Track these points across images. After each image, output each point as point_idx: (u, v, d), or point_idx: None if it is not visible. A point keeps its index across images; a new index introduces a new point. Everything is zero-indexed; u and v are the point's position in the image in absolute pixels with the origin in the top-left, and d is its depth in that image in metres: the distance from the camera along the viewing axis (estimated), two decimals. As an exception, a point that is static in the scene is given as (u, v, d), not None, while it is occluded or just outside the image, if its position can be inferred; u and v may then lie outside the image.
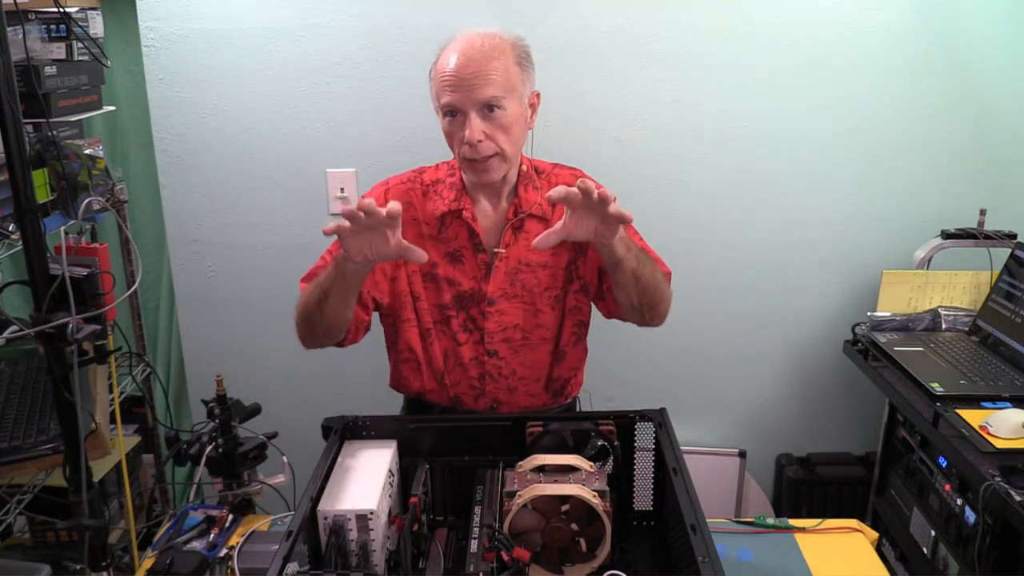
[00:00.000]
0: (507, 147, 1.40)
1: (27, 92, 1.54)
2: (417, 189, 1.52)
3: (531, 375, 1.55)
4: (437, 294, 1.51)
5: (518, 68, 1.39)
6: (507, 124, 1.38)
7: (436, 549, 1.25)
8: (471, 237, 1.49)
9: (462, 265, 1.50)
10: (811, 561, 1.30)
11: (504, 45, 1.38)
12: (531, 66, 1.43)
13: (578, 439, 1.27)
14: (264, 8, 2.08)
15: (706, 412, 2.41)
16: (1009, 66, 2.10)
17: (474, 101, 1.35)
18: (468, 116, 1.36)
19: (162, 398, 2.28)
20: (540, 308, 1.52)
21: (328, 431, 1.30)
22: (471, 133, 1.35)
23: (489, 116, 1.37)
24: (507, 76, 1.36)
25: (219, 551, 1.33)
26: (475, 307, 1.51)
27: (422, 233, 1.50)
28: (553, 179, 1.53)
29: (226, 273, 2.29)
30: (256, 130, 2.17)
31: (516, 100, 1.39)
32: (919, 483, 1.86)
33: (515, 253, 1.50)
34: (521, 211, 1.49)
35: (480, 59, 1.34)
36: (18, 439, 1.41)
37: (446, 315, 1.52)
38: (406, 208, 1.48)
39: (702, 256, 2.26)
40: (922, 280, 2.14)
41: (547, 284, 1.52)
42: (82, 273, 1.59)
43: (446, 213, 1.48)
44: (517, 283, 1.50)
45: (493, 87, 1.34)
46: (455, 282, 1.50)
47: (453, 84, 1.35)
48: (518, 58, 1.40)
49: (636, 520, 1.31)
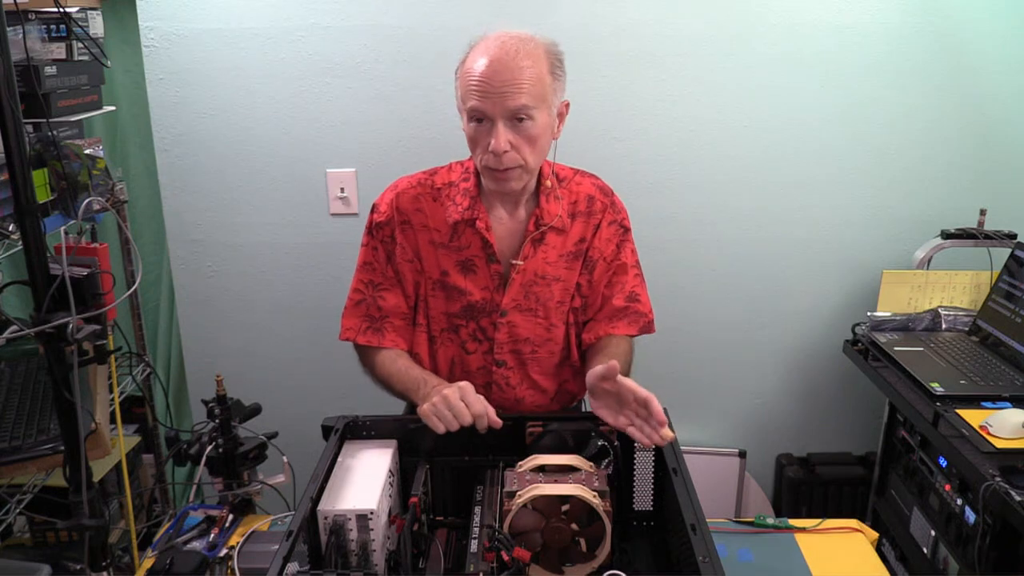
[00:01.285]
0: (531, 159, 1.34)
1: (27, 92, 1.54)
2: (428, 194, 1.47)
3: (539, 386, 1.53)
4: (447, 302, 1.49)
5: (551, 77, 1.33)
6: (535, 135, 1.32)
7: (436, 549, 1.25)
8: (484, 247, 1.44)
9: (474, 275, 1.46)
10: (811, 561, 1.30)
11: (539, 51, 1.32)
12: (563, 74, 1.37)
13: (578, 439, 1.27)
14: (264, 8, 2.08)
15: (706, 412, 2.41)
16: (1009, 67, 2.10)
17: (504, 110, 1.29)
18: (495, 124, 1.30)
19: (162, 398, 2.27)
20: (553, 322, 1.50)
21: (328, 431, 1.30)
22: (497, 143, 1.29)
23: (517, 126, 1.31)
24: (540, 86, 1.30)
25: (219, 551, 1.32)
26: (486, 318, 1.48)
27: (433, 240, 1.46)
28: (574, 187, 1.49)
29: (226, 273, 2.29)
30: (256, 130, 2.17)
31: (546, 111, 1.33)
32: (919, 483, 1.86)
33: (532, 266, 1.46)
34: (542, 223, 1.44)
35: (513, 67, 1.28)
36: (18, 439, 1.41)
37: (455, 324, 1.49)
38: (416, 214, 1.46)
39: (702, 256, 2.26)
40: (922, 280, 2.14)
41: (560, 298, 1.49)
42: (82, 273, 1.58)
43: (459, 221, 1.44)
44: (531, 296, 1.47)
45: (524, 97, 1.28)
46: (466, 292, 1.47)
47: (483, 90, 1.28)
48: (551, 66, 1.34)
49: (636, 520, 1.31)
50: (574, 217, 1.48)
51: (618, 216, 1.52)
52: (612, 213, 1.51)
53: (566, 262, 1.48)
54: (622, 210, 1.54)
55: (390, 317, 1.50)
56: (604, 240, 1.50)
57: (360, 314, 1.51)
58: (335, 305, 2.25)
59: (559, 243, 1.47)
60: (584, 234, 1.49)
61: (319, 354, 2.30)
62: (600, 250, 1.50)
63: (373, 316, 1.50)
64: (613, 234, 1.51)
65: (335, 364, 2.24)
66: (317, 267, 2.28)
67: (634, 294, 1.53)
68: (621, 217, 1.53)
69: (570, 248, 1.48)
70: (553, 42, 1.37)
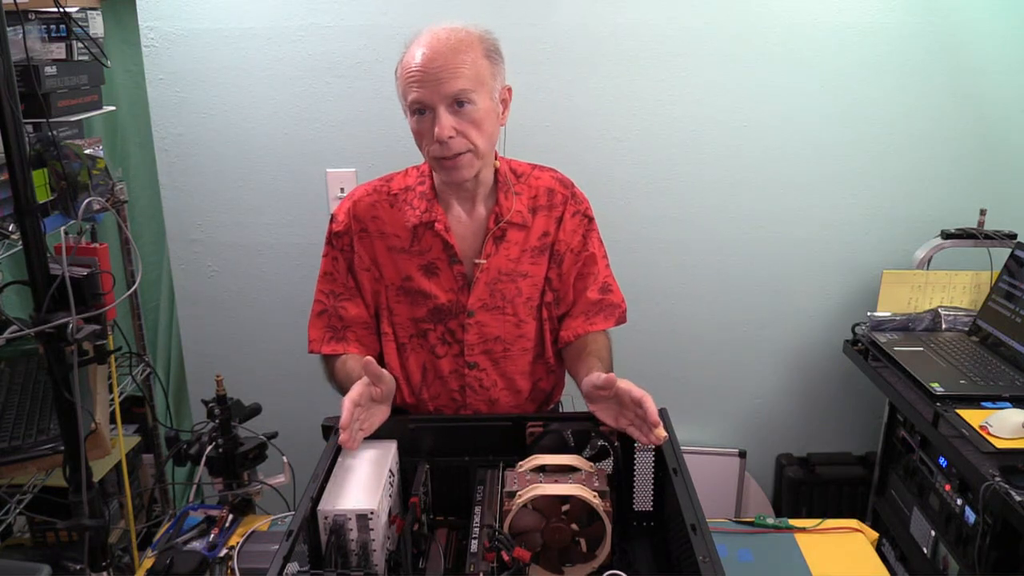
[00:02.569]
0: (479, 142, 1.33)
1: (27, 92, 1.54)
2: (384, 200, 1.46)
3: (513, 386, 1.51)
4: (411, 308, 1.47)
5: (487, 61, 1.33)
6: (478, 119, 1.32)
7: (436, 549, 1.25)
8: (446, 248, 1.43)
9: (437, 278, 1.45)
10: (811, 561, 1.30)
11: (471, 38, 1.33)
12: (501, 60, 1.37)
13: (578, 439, 1.27)
14: (264, 8, 2.08)
15: (706, 412, 2.41)
16: (1009, 67, 2.10)
17: (443, 95, 1.29)
18: (437, 112, 1.30)
19: (162, 398, 2.27)
20: (522, 319, 1.49)
21: (328, 431, 1.30)
22: (440, 129, 1.29)
23: (459, 111, 1.31)
24: (476, 69, 1.31)
25: (219, 551, 1.32)
26: (453, 319, 1.46)
27: (392, 247, 1.45)
28: (533, 181, 1.48)
29: (226, 273, 2.29)
30: (256, 130, 2.17)
31: (486, 94, 1.33)
32: (919, 483, 1.86)
33: (495, 264, 1.45)
34: (502, 219, 1.44)
35: (447, 52, 1.29)
36: (18, 439, 1.41)
37: (422, 328, 1.48)
38: (372, 221, 1.46)
39: (702, 256, 2.26)
40: (922, 280, 2.14)
41: (528, 294, 1.48)
42: (82, 273, 1.58)
43: (418, 225, 1.43)
44: (497, 294, 1.46)
45: (462, 80, 1.29)
46: (430, 295, 1.45)
47: (420, 79, 1.29)
48: (487, 51, 1.34)
49: (636, 520, 1.31)
50: (535, 211, 1.47)
51: (580, 207, 1.51)
52: (574, 204, 1.50)
53: (531, 257, 1.47)
54: (584, 200, 1.53)
55: (352, 327, 1.49)
56: (569, 232, 1.49)
57: (323, 325, 1.50)
58: (335, 305, 2.27)
59: (521, 239, 1.46)
60: (547, 227, 1.48)
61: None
62: (566, 242, 1.49)
63: (335, 327, 1.49)
64: (577, 225, 1.50)
65: (335, 364, 2.24)
66: (317, 267, 2.26)
67: (606, 285, 1.53)
68: (584, 207, 1.52)
69: (533, 243, 1.47)
70: (487, 30, 1.37)
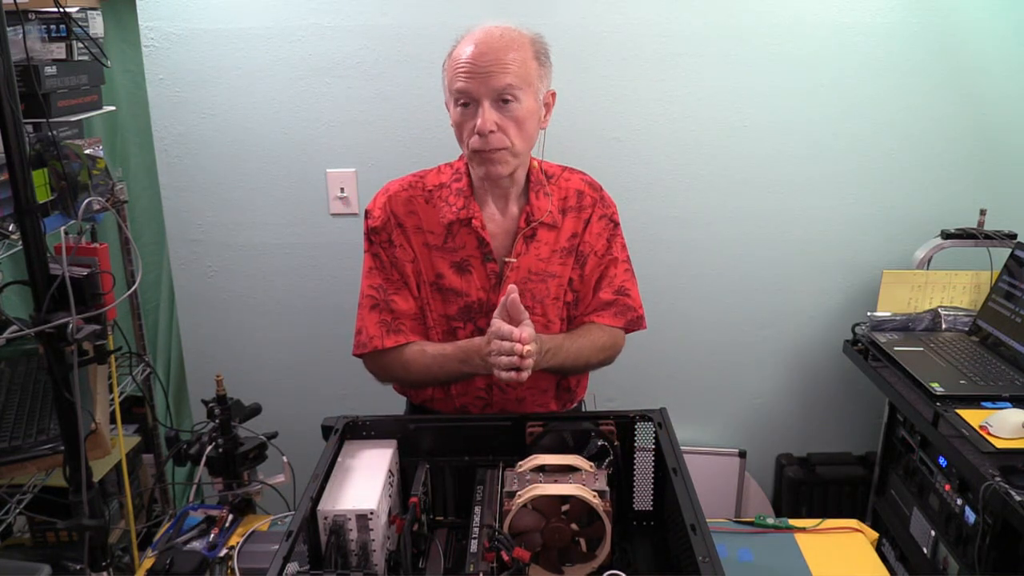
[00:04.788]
0: (518, 142, 1.35)
1: (27, 92, 1.54)
2: (420, 196, 1.47)
3: (540, 385, 1.51)
4: (444, 305, 1.48)
5: (536, 63, 1.36)
6: (520, 118, 1.34)
7: (436, 549, 1.25)
8: (480, 246, 1.44)
9: (470, 275, 1.46)
10: (811, 561, 1.30)
11: (523, 39, 1.36)
12: (549, 64, 1.40)
13: (578, 439, 1.27)
14: (264, 8, 2.08)
15: (706, 412, 2.41)
16: (1009, 67, 2.10)
17: (489, 89, 1.31)
18: (481, 105, 1.32)
19: (162, 398, 2.27)
20: (551, 319, 1.49)
21: (328, 431, 1.30)
22: (483, 123, 1.31)
23: (503, 107, 1.33)
24: (525, 68, 1.33)
25: (219, 551, 1.32)
26: (483, 318, 1.46)
27: (427, 243, 1.46)
28: (563, 183, 1.50)
29: (226, 273, 2.29)
30: (256, 130, 2.17)
31: (532, 95, 1.35)
32: (919, 483, 1.86)
33: (526, 263, 1.46)
34: (533, 219, 1.45)
35: (499, 48, 1.32)
36: (18, 439, 1.41)
37: (452, 327, 1.48)
38: (409, 216, 1.46)
39: (702, 256, 2.26)
40: (922, 280, 2.14)
41: (555, 294, 1.49)
42: (82, 273, 1.58)
43: (454, 221, 1.44)
44: (527, 293, 1.46)
45: (509, 76, 1.31)
46: (462, 293, 1.46)
47: (469, 71, 1.31)
48: (536, 53, 1.37)
49: (636, 520, 1.31)
50: (565, 213, 1.48)
51: (607, 211, 1.53)
52: (602, 207, 1.52)
53: (560, 258, 1.48)
54: (611, 204, 1.54)
55: (403, 319, 1.48)
56: (595, 235, 1.50)
57: (376, 320, 1.48)
58: (335, 305, 2.27)
59: (551, 239, 1.47)
60: (576, 229, 1.49)
61: (319, 354, 2.30)
62: (591, 244, 1.50)
63: (387, 320, 1.48)
64: (603, 228, 1.51)
65: (335, 364, 2.24)
66: (317, 267, 2.28)
67: (623, 288, 1.53)
68: (611, 212, 1.53)
69: (563, 244, 1.48)
70: (539, 33, 1.41)
